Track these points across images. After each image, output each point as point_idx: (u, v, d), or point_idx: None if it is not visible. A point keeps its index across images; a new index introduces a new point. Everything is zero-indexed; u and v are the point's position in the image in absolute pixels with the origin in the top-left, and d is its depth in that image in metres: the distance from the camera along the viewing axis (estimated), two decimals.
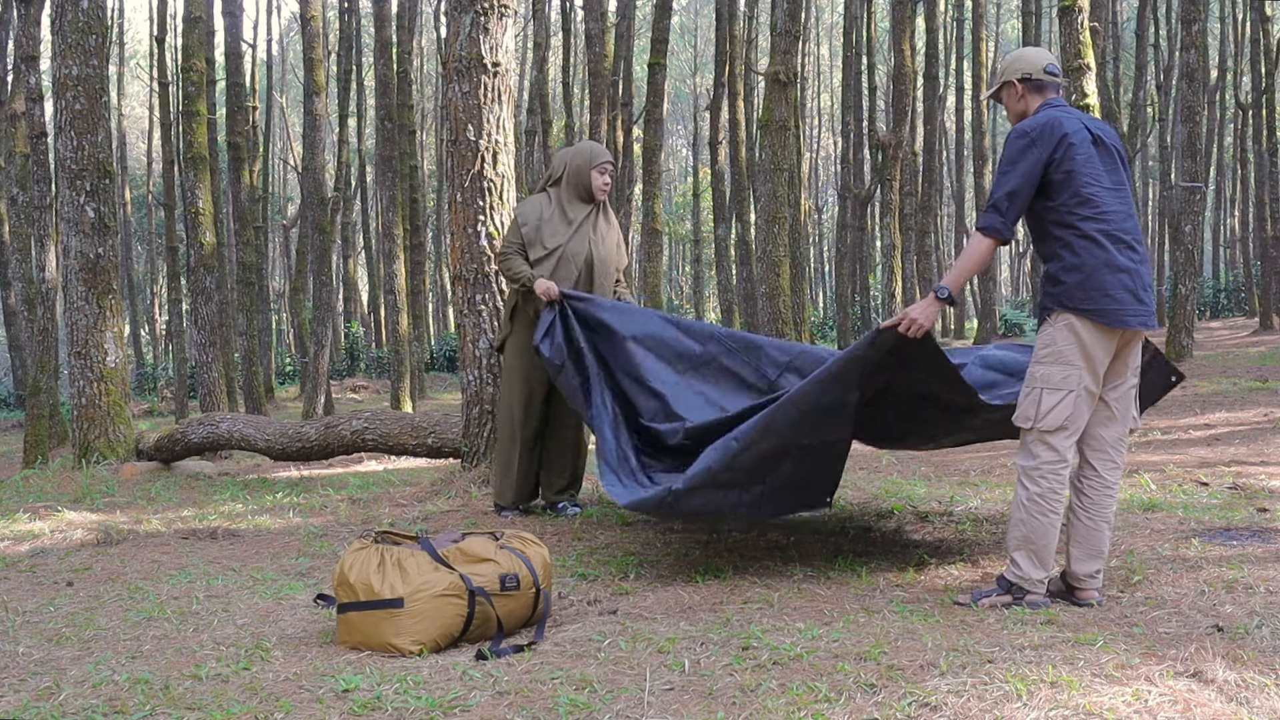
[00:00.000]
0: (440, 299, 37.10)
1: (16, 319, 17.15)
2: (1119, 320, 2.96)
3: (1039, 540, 3.02)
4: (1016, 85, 3.24)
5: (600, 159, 4.70)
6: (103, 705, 2.45)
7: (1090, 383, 3.01)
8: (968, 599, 3.12)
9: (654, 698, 2.39)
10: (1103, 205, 3.02)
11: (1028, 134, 3.05)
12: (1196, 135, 13.50)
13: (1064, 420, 3.00)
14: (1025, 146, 3.03)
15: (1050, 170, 3.02)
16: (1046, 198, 3.05)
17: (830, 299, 40.52)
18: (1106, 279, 2.96)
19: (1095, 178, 3.03)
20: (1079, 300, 2.97)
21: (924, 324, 3.07)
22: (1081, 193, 3.01)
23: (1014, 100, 3.26)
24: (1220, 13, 27.47)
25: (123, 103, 31.80)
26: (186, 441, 7.09)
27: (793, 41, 12.34)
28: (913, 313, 3.07)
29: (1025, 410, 3.06)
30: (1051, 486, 3.02)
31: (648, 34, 22.00)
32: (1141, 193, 31.75)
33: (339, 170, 21.12)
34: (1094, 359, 2.99)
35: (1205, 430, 6.89)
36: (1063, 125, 3.05)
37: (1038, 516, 3.01)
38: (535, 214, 4.65)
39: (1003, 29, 41.39)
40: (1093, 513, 3.12)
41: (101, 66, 7.32)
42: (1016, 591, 3.05)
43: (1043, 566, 3.03)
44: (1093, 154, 3.06)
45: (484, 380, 5.35)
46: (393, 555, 2.92)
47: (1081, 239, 2.99)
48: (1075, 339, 2.98)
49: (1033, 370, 3.08)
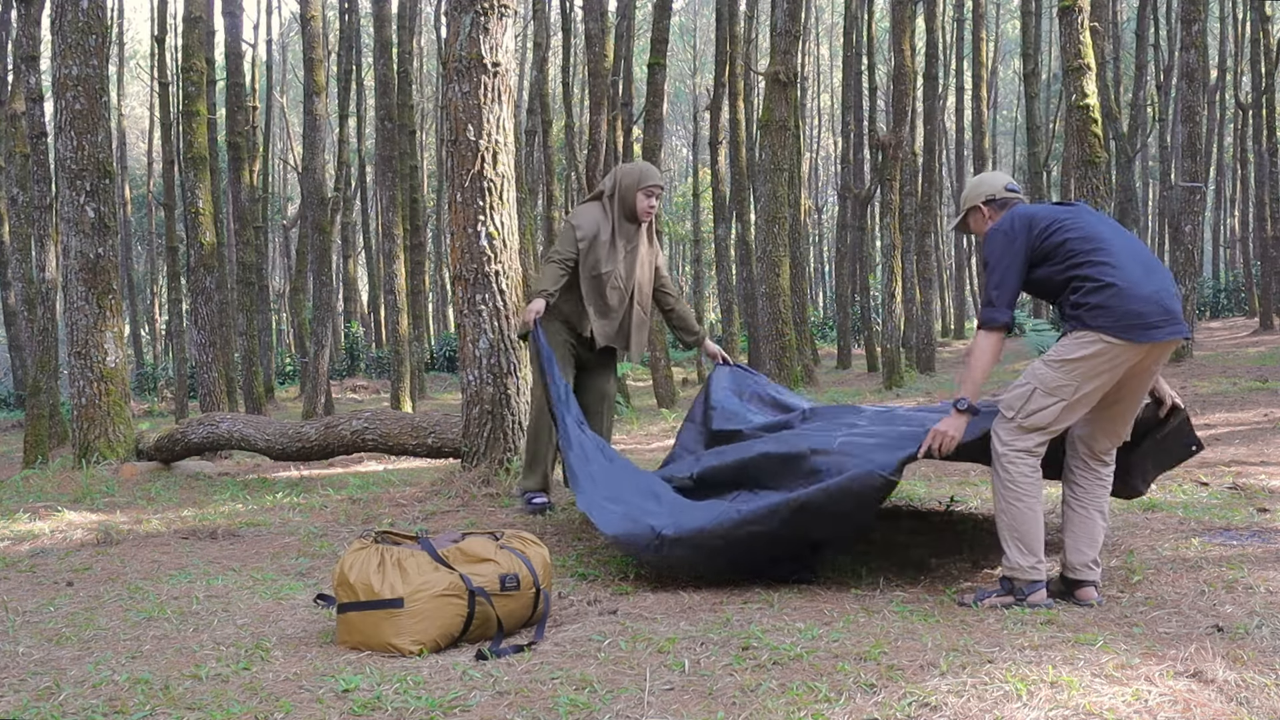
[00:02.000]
0: (440, 299, 37.11)
1: (16, 319, 17.15)
2: (1146, 335, 2.96)
3: (1022, 526, 3.06)
4: (983, 209, 3.41)
5: (649, 181, 4.64)
6: (103, 705, 2.45)
7: (1088, 398, 3.03)
8: (970, 599, 3.13)
9: (654, 698, 2.39)
10: (1103, 237, 3.09)
11: (1002, 229, 3.18)
12: (1196, 135, 13.50)
13: (1047, 424, 3.05)
14: (1005, 240, 3.15)
15: (1038, 243, 3.12)
16: (1049, 263, 3.12)
17: (830, 299, 40.52)
18: (1133, 294, 2.97)
19: (1085, 224, 3.12)
20: (1103, 318, 2.97)
21: (956, 436, 3.12)
22: (1080, 236, 3.08)
23: (982, 223, 3.43)
24: (1220, 13, 27.47)
25: (123, 103, 31.80)
26: (186, 441, 7.08)
27: (793, 41, 12.35)
28: (942, 428, 3.13)
29: (1012, 401, 3.09)
30: (1022, 472, 3.06)
31: (648, 34, 22.00)
32: (1141, 193, 31.75)
33: (339, 170, 21.13)
34: (1103, 374, 2.99)
35: (1205, 430, 6.89)
36: (1032, 209, 3.20)
37: (1015, 503, 3.05)
38: (593, 229, 4.62)
39: (1003, 29, 41.39)
40: (1085, 500, 3.18)
41: (101, 66, 7.32)
42: (1018, 592, 3.07)
43: (1031, 553, 3.06)
44: (1072, 212, 3.18)
45: (484, 380, 5.35)
46: (393, 555, 2.92)
47: (1098, 267, 3.03)
48: (1093, 355, 2.97)
49: (1036, 367, 3.09)
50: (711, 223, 25.34)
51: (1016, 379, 3.17)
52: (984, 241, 3.23)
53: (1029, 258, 3.13)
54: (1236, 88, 25.62)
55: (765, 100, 12.23)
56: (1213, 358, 13.83)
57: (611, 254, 4.63)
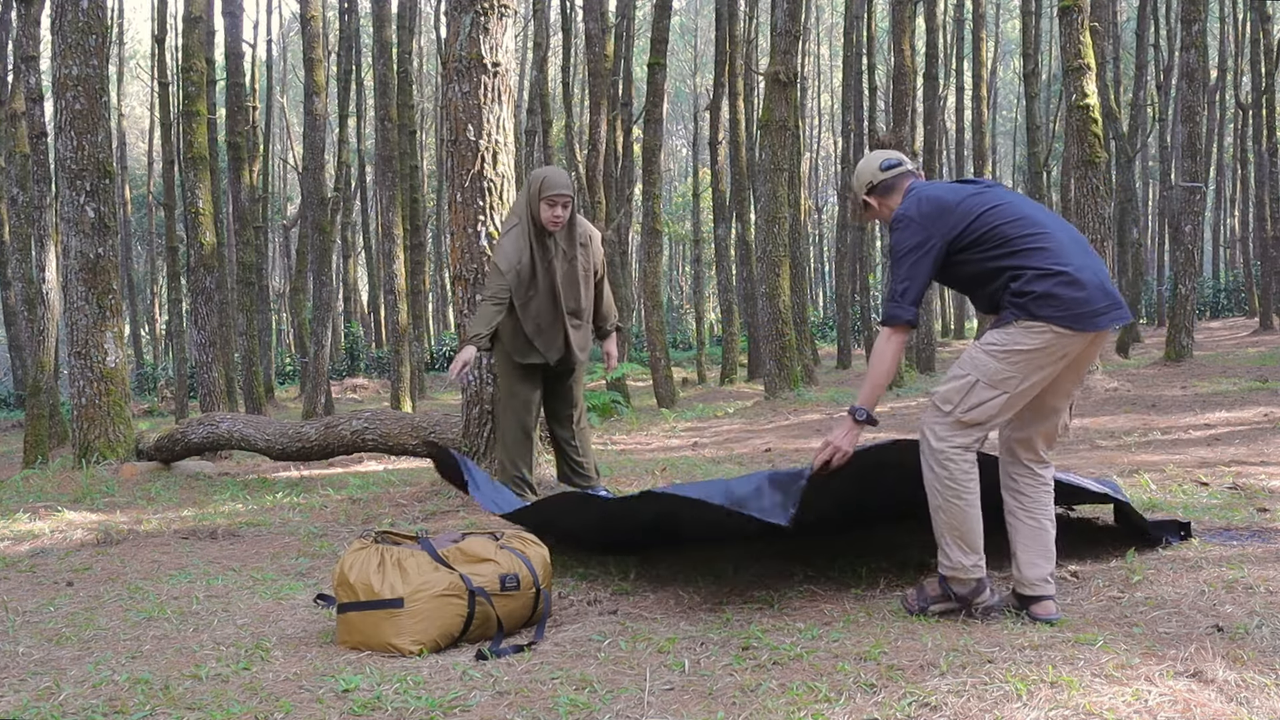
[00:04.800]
0: (440, 299, 37.13)
1: (16, 319, 17.16)
2: (1094, 323, 2.78)
3: (963, 525, 2.85)
4: (871, 200, 3.14)
5: (549, 190, 4.36)
6: (103, 705, 2.45)
7: (1030, 389, 2.83)
8: (914, 605, 2.96)
9: (654, 698, 2.39)
10: (1037, 220, 2.87)
11: (911, 217, 2.92)
12: (1196, 135, 13.50)
13: (988, 418, 2.84)
14: (916, 228, 2.90)
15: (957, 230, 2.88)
16: (975, 249, 2.88)
17: (830, 299, 40.52)
18: (1078, 280, 2.78)
19: (1011, 206, 2.89)
20: (1050, 307, 2.77)
21: (849, 450, 2.93)
22: (1010, 220, 2.87)
23: (875, 212, 3.16)
24: (1220, 13, 27.48)
25: (123, 103, 31.81)
26: (186, 441, 7.08)
27: (793, 41, 12.36)
28: (837, 442, 2.92)
29: (950, 394, 2.86)
30: (962, 469, 2.84)
31: (648, 34, 21.99)
32: (1142, 193, 31.74)
33: (339, 170, 21.14)
34: (1047, 366, 2.81)
35: (1205, 430, 6.89)
36: (937, 191, 2.96)
37: (954, 500, 2.84)
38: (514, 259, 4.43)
39: (1003, 29, 41.41)
40: (1033, 510, 2.97)
41: (101, 66, 7.32)
42: (963, 598, 2.88)
43: (973, 550, 2.86)
44: (986, 192, 2.95)
45: (484, 380, 5.35)
46: (393, 555, 2.92)
47: (1040, 253, 2.81)
48: (1043, 346, 2.78)
49: (975, 356, 2.86)
50: (711, 223, 25.34)
51: (951, 369, 2.93)
52: (891, 230, 2.96)
53: (945, 247, 2.89)
54: (1236, 88, 25.63)
55: (765, 100, 12.23)
56: (1213, 358, 13.83)
57: (532, 278, 4.48)
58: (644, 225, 15.88)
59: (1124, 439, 6.71)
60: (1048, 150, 22.70)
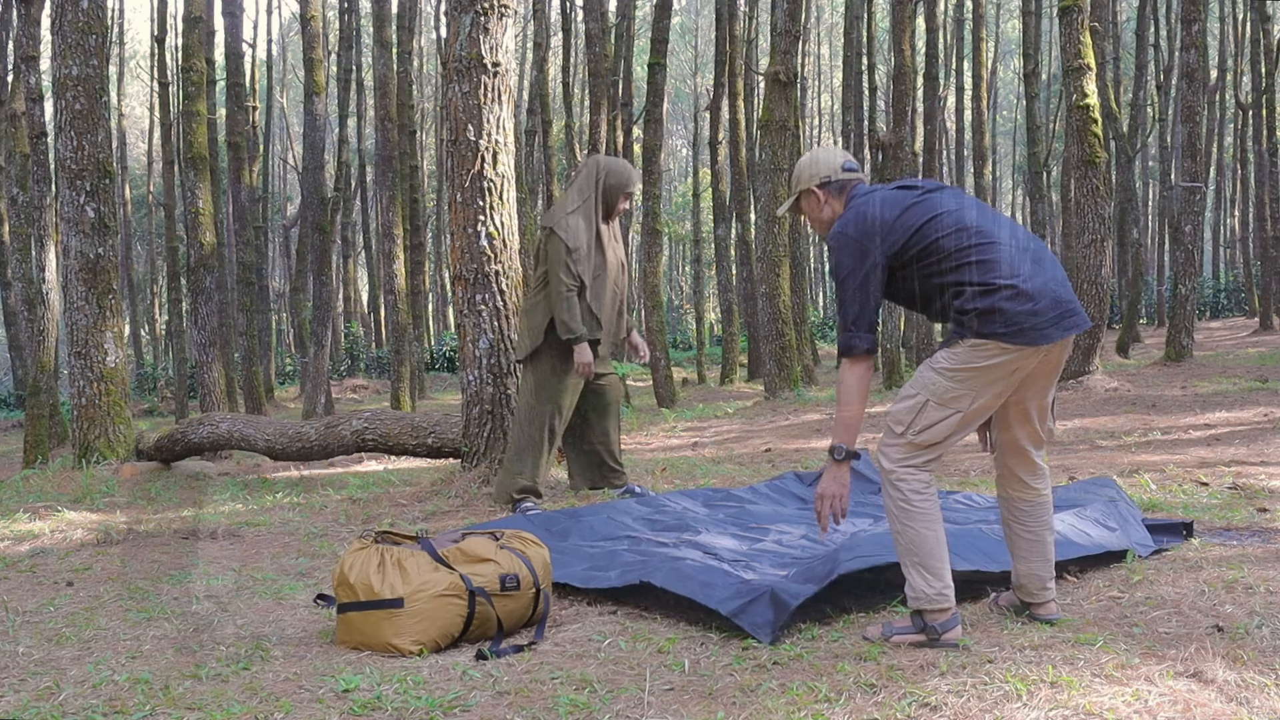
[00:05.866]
0: (440, 299, 37.13)
1: (16, 319, 17.15)
2: (1044, 337, 2.62)
3: (923, 549, 2.70)
4: (817, 192, 2.92)
5: (633, 186, 4.86)
6: (103, 705, 2.45)
7: (985, 407, 2.69)
8: (876, 634, 2.76)
9: (654, 698, 2.39)
10: (982, 229, 2.71)
11: (851, 236, 2.75)
12: (1196, 135, 13.49)
13: (941, 439, 2.69)
14: (857, 250, 2.73)
15: (896, 246, 2.72)
16: (917, 264, 2.72)
17: (830, 299, 40.54)
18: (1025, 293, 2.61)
19: (953, 214, 2.73)
20: (994, 324, 2.61)
21: (844, 493, 2.78)
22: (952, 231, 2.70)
23: (816, 208, 2.94)
24: (1220, 13, 27.49)
25: (123, 103, 31.80)
26: (186, 441, 7.09)
27: (793, 41, 12.36)
28: (829, 492, 2.77)
29: (901, 415, 2.72)
30: (915, 489, 2.70)
31: (648, 34, 22.00)
32: (1142, 193, 31.75)
33: (339, 170, 21.13)
34: (1000, 382, 2.66)
35: (1205, 430, 6.89)
36: (873, 204, 2.78)
37: (911, 524, 2.70)
38: (581, 242, 4.71)
39: (1003, 29, 41.41)
40: (1031, 526, 2.86)
41: (101, 66, 7.32)
42: (930, 630, 2.69)
43: (937, 577, 2.70)
44: (925, 199, 2.77)
45: (484, 380, 5.35)
46: (393, 555, 2.92)
47: (982, 266, 2.65)
48: (992, 365, 2.64)
49: (926, 375, 2.71)
50: (711, 223, 25.34)
51: (904, 388, 2.79)
52: (831, 249, 2.79)
53: (887, 263, 2.73)
54: (1236, 88, 25.62)
55: (765, 100, 12.23)
56: (1213, 358, 13.83)
57: (600, 257, 4.75)
58: (644, 225, 15.88)
59: (1124, 439, 6.71)
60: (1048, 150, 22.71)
